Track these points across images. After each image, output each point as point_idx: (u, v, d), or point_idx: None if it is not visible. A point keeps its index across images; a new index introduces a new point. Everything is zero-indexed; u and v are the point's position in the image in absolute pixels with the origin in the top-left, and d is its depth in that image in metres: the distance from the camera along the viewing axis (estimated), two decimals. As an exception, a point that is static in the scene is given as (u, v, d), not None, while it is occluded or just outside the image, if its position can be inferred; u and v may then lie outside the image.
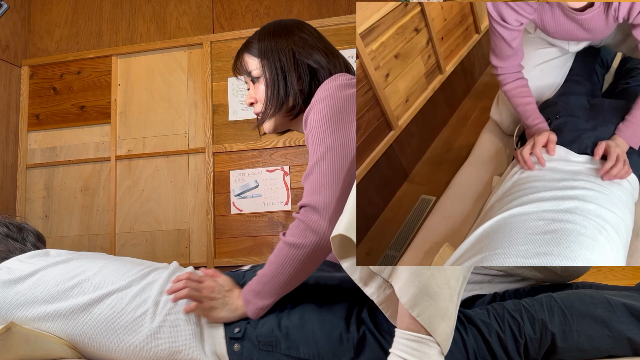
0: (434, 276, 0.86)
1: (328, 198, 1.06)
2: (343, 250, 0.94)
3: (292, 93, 1.22)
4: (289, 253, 1.06)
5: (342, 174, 1.09)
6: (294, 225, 1.08)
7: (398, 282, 0.88)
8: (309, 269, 1.07)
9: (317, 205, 1.05)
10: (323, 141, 1.11)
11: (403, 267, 0.89)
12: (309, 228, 1.05)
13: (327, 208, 1.05)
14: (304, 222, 1.05)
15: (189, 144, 2.80)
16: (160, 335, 1.06)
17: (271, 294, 1.06)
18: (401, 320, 0.89)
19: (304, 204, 1.08)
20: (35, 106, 2.99)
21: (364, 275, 0.94)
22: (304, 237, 1.05)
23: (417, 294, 0.85)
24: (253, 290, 1.08)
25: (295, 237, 1.06)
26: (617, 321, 1.01)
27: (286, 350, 1.02)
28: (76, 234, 2.84)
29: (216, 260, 2.66)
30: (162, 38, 2.94)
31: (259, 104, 1.26)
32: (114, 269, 1.13)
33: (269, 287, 1.06)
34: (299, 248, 1.05)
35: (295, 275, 1.06)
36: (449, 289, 0.87)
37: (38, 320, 1.08)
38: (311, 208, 1.06)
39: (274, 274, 1.06)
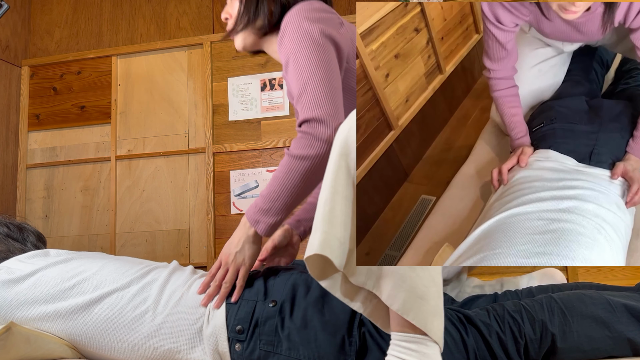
0: (419, 276, 0.86)
1: (331, 108, 1.07)
2: (320, 270, 0.91)
3: (263, 12, 1.24)
4: (297, 165, 1.06)
5: (335, 86, 1.10)
6: (299, 138, 1.08)
7: (384, 290, 0.87)
8: (318, 181, 1.07)
9: (321, 116, 1.06)
10: (308, 60, 1.12)
11: (386, 272, 0.87)
12: (317, 138, 1.05)
13: (332, 116, 1.06)
14: (311, 133, 1.06)
15: (189, 144, 2.80)
16: (160, 334, 1.05)
17: (281, 210, 1.07)
18: (395, 324, 0.88)
19: (306, 119, 1.08)
20: (35, 106, 2.99)
21: (348, 291, 0.92)
22: (312, 148, 1.05)
23: (407, 298, 0.84)
24: (261, 210, 1.08)
25: (302, 148, 1.06)
26: (617, 322, 1.01)
27: (286, 351, 1.01)
28: (76, 234, 2.84)
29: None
30: (162, 38, 2.94)
31: (231, 20, 1.30)
32: (114, 269, 1.13)
33: (278, 203, 1.06)
34: (307, 159, 1.05)
35: (304, 187, 1.06)
36: (436, 286, 0.87)
37: (38, 320, 1.08)
38: (315, 121, 1.07)
39: (282, 188, 1.06)
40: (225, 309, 1.07)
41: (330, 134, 1.06)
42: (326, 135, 1.05)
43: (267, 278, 1.11)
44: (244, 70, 2.80)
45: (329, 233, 0.86)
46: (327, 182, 0.90)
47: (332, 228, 0.87)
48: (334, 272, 0.92)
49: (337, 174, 0.89)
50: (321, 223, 0.88)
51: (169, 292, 1.09)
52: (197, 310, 1.07)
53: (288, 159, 1.08)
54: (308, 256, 0.87)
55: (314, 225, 0.89)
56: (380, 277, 0.88)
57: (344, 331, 1.01)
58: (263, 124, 2.73)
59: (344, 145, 0.90)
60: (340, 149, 0.90)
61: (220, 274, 1.10)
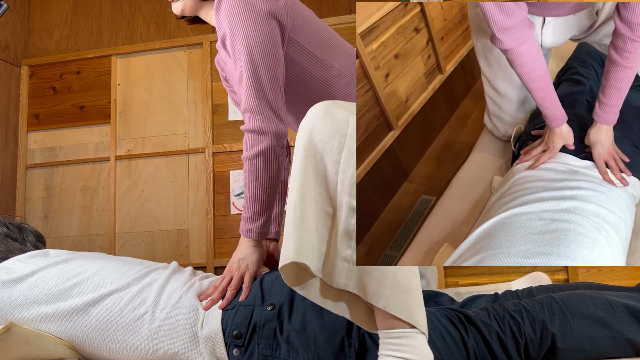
0: (400, 269, 0.86)
1: (261, 95, 1.11)
2: (295, 277, 0.89)
3: None
4: (254, 165, 1.10)
5: (271, 70, 1.13)
6: (244, 139, 1.13)
7: (368, 289, 0.86)
8: (280, 167, 1.13)
9: (254, 107, 1.11)
10: (245, 41, 1.13)
11: (366, 271, 0.85)
12: (258, 133, 1.10)
13: (265, 106, 1.11)
14: (250, 130, 1.11)
15: (189, 144, 2.80)
16: (159, 336, 1.05)
17: (262, 210, 1.11)
18: (382, 322, 0.87)
19: (244, 110, 1.13)
20: (34, 106, 2.99)
21: (326, 296, 0.91)
22: (258, 143, 1.10)
23: (392, 294, 0.84)
24: (246, 219, 1.13)
25: (250, 148, 1.11)
26: (617, 322, 1.01)
27: (285, 354, 1.00)
28: (76, 234, 2.84)
29: (216, 261, 2.65)
30: (162, 38, 2.94)
31: None
32: (113, 269, 1.13)
33: (257, 205, 1.11)
34: (259, 156, 1.10)
35: (270, 181, 1.11)
36: (416, 278, 0.87)
37: (37, 321, 1.08)
38: (249, 112, 1.11)
39: (254, 191, 1.11)
40: (221, 315, 1.06)
41: (270, 126, 1.11)
42: (266, 128, 1.10)
43: (262, 282, 1.11)
44: (244, 70, 2.79)
45: (302, 239, 0.85)
46: (294, 185, 0.89)
47: (304, 233, 0.86)
48: (310, 277, 0.91)
49: (304, 177, 0.88)
50: (293, 229, 0.86)
51: (168, 294, 1.09)
52: (195, 312, 1.06)
53: (245, 164, 1.13)
54: (283, 265, 0.86)
55: (286, 232, 0.88)
56: (362, 276, 0.87)
57: (343, 333, 1.00)
58: (263, 124, 2.73)
59: (307, 146, 0.89)
60: (304, 150, 0.89)
61: (225, 281, 1.11)
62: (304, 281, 0.90)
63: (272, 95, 1.12)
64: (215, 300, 1.07)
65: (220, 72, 1.43)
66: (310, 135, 0.89)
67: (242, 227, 1.15)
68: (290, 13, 1.19)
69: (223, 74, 1.43)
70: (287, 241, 0.86)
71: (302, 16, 1.24)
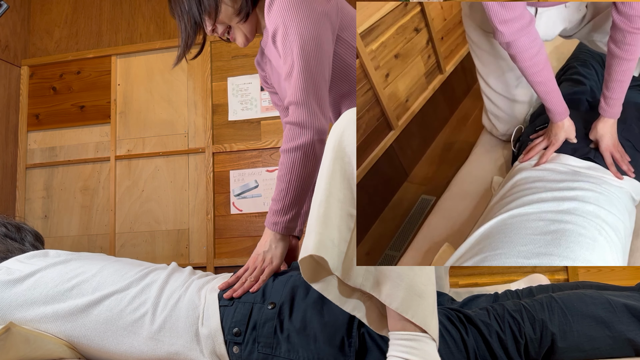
0: (417, 275, 0.86)
1: (309, 89, 1.10)
2: (313, 273, 0.91)
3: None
4: (291, 158, 1.09)
5: (321, 66, 1.12)
6: (286, 131, 1.11)
7: (383, 290, 0.87)
8: (317, 164, 1.09)
9: (300, 100, 1.10)
10: (297, 35, 1.13)
11: (384, 272, 0.87)
12: (301, 126, 1.08)
13: (312, 100, 1.10)
14: (294, 122, 1.09)
15: (189, 144, 2.80)
16: (160, 337, 1.05)
17: (292, 205, 1.10)
18: (393, 324, 0.88)
19: (289, 103, 1.12)
20: (34, 106, 2.99)
21: (341, 294, 0.92)
22: (300, 137, 1.08)
23: (406, 297, 0.85)
24: (274, 212, 1.11)
25: (290, 141, 1.09)
26: (617, 322, 1.01)
27: (286, 353, 1.01)
28: (76, 234, 2.84)
29: (216, 261, 2.65)
30: (162, 38, 2.94)
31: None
32: (113, 270, 1.13)
33: (287, 199, 1.09)
34: (299, 149, 1.08)
35: (306, 176, 1.09)
36: (432, 285, 0.88)
37: (37, 322, 1.08)
38: (295, 105, 1.10)
39: (287, 185, 1.09)
40: (219, 312, 1.06)
41: (313, 121, 1.09)
42: (309, 123, 1.09)
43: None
44: (244, 70, 2.79)
45: (324, 234, 0.86)
46: (321, 184, 0.90)
47: (326, 229, 0.87)
48: (327, 274, 0.92)
49: (332, 177, 0.90)
50: (315, 225, 0.88)
51: (168, 294, 1.09)
52: (194, 311, 1.07)
53: (282, 156, 1.11)
54: (302, 258, 0.87)
55: (308, 227, 0.89)
56: (378, 277, 0.88)
57: (344, 332, 1.00)
58: (263, 124, 2.73)
59: (338, 148, 0.90)
60: (334, 152, 0.90)
61: (248, 272, 1.11)
62: (320, 278, 0.92)
63: (319, 91, 1.12)
64: (235, 290, 1.08)
65: (260, 73, 1.43)
66: (341, 139, 0.90)
67: (268, 220, 1.13)
68: (339, 13, 1.21)
69: (262, 74, 1.43)
70: (309, 235, 0.88)
71: (349, 16, 1.26)
